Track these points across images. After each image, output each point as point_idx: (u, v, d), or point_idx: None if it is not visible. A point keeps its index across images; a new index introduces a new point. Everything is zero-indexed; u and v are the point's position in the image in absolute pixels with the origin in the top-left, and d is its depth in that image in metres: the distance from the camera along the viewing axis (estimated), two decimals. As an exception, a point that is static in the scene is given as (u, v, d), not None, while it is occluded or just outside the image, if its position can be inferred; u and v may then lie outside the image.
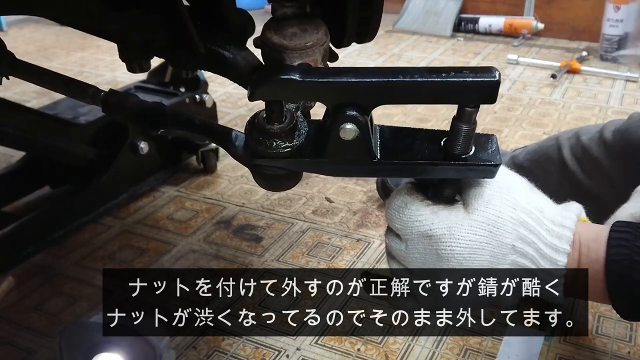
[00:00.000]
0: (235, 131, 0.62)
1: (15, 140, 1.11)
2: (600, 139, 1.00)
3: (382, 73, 0.52)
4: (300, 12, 0.65)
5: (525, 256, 0.55)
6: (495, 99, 0.51)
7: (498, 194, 0.55)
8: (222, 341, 0.91)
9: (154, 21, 0.69)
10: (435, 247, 0.56)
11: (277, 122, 0.54)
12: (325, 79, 0.52)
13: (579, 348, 0.87)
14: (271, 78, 0.52)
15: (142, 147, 1.29)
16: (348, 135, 0.53)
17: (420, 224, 0.56)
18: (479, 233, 0.54)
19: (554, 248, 0.55)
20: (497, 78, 0.50)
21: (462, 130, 0.53)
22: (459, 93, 0.51)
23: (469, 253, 0.55)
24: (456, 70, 0.51)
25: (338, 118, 0.53)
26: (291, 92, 0.53)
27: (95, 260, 1.13)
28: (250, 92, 0.52)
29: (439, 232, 0.55)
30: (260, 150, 0.56)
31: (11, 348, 0.92)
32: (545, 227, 0.55)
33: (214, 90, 1.87)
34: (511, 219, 0.54)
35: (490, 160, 0.54)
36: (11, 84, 0.89)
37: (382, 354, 0.87)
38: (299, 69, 0.53)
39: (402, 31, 2.67)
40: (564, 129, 1.12)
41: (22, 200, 1.28)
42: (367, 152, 0.55)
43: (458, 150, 0.54)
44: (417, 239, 0.56)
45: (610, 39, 2.20)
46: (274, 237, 1.18)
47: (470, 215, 0.55)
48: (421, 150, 0.56)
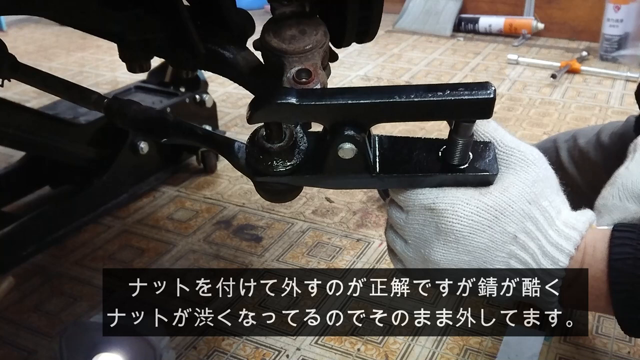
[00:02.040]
0: (237, 142, 0.62)
1: (15, 140, 1.11)
2: (597, 142, 1.00)
3: (378, 93, 0.53)
4: (299, 12, 0.65)
5: (526, 250, 0.55)
6: (491, 114, 0.52)
7: (520, 185, 0.55)
8: (222, 341, 0.91)
9: (154, 21, 0.69)
10: (435, 220, 0.55)
11: (276, 141, 0.55)
12: (322, 101, 0.53)
13: (579, 348, 0.87)
14: (269, 102, 0.53)
15: (142, 147, 1.29)
16: (347, 155, 0.54)
17: (424, 197, 0.56)
18: (484, 216, 0.54)
19: (558, 248, 0.54)
20: (492, 95, 0.51)
21: (459, 143, 0.54)
22: (454, 110, 0.52)
23: (468, 232, 0.54)
24: (452, 87, 0.52)
25: (336, 137, 0.54)
26: (288, 115, 0.53)
27: (95, 260, 1.13)
28: (249, 115, 0.53)
29: (441, 207, 0.55)
30: (261, 169, 0.57)
31: (11, 348, 0.92)
32: (555, 227, 0.55)
33: (214, 90, 1.87)
34: (522, 211, 0.54)
35: (487, 170, 0.55)
36: (11, 84, 0.89)
37: (382, 354, 0.87)
38: (295, 93, 0.53)
39: (402, 31, 2.67)
40: (564, 129, 1.12)
41: (22, 200, 1.28)
42: (366, 168, 0.56)
43: (456, 161, 0.55)
44: (418, 210, 0.56)
45: (610, 39, 2.20)
46: (274, 237, 1.18)
47: (481, 196, 0.54)
48: (419, 161, 0.57)
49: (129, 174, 1.31)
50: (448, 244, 0.56)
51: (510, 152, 0.57)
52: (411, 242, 0.58)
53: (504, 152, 0.57)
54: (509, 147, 0.57)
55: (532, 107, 1.85)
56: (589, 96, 1.91)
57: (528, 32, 2.48)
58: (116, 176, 1.27)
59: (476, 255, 0.55)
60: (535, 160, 0.57)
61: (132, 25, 0.70)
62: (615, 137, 0.97)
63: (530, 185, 0.55)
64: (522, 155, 0.56)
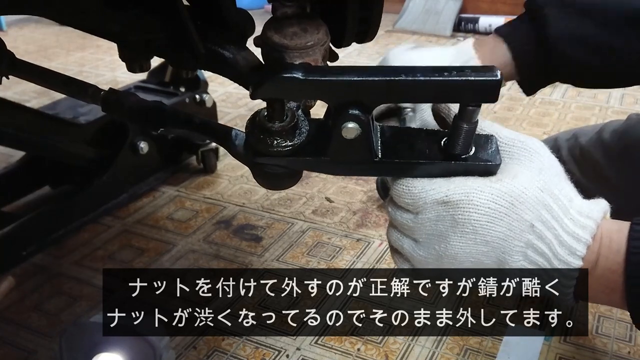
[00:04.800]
0: (235, 130, 0.62)
1: (15, 140, 1.11)
2: (598, 140, 1.00)
3: (385, 72, 0.52)
4: (300, 12, 0.65)
5: (543, 240, 0.53)
6: (497, 98, 0.51)
7: (528, 173, 0.53)
8: (222, 341, 0.91)
9: (154, 21, 0.69)
10: (451, 212, 0.53)
11: (278, 121, 0.54)
12: (328, 77, 0.52)
13: (579, 348, 0.87)
14: (273, 77, 0.52)
15: (142, 147, 1.29)
16: (350, 134, 0.53)
17: (435, 192, 0.54)
18: (500, 202, 0.52)
19: (575, 237, 0.52)
20: (498, 77, 0.50)
21: (463, 129, 0.53)
22: (460, 92, 0.51)
23: (486, 221, 0.52)
24: (458, 69, 0.51)
25: (340, 117, 0.53)
26: (293, 91, 0.52)
27: (95, 260, 1.13)
28: (253, 90, 0.52)
29: (456, 198, 0.53)
30: (261, 149, 0.56)
31: (11, 348, 0.92)
32: (570, 216, 0.53)
33: (214, 90, 1.87)
34: (536, 198, 0.52)
35: (490, 160, 0.54)
36: (11, 83, 0.89)
37: (382, 354, 0.87)
38: (301, 67, 0.53)
39: (402, 31, 2.67)
40: (564, 129, 1.12)
41: (22, 200, 1.28)
42: (369, 151, 0.55)
43: (458, 149, 0.54)
44: (430, 206, 0.54)
45: (610, 39, 2.20)
46: (274, 237, 1.18)
47: (493, 183, 0.53)
48: (422, 149, 0.56)
49: (129, 174, 1.31)
50: (465, 235, 0.54)
51: (510, 142, 0.55)
52: (423, 240, 0.56)
53: (505, 144, 0.56)
54: (509, 138, 0.56)
55: (532, 107, 1.85)
56: (589, 96, 1.91)
57: (528, 32, 2.48)
58: (116, 176, 1.27)
59: (494, 246, 0.54)
60: (538, 149, 0.55)
61: (132, 25, 0.69)
62: (616, 135, 0.97)
63: (538, 174, 0.53)
64: (524, 145, 0.55)
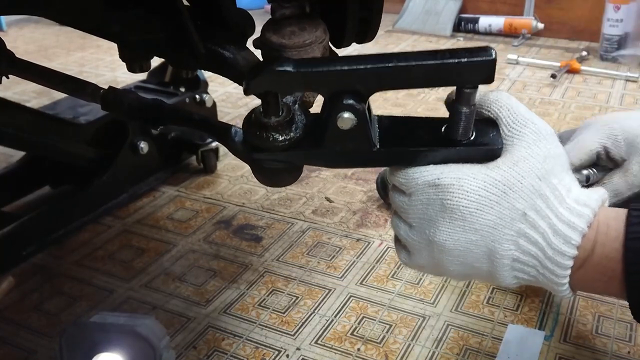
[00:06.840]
0: (234, 127, 0.62)
1: (15, 140, 1.11)
2: None
3: (377, 59, 0.51)
4: (299, 13, 0.65)
5: (536, 229, 0.52)
6: (493, 78, 0.51)
7: (530, 160, 0.52)
8: (222, 341, 0.91)
9: (154, 21, 0.69)
10: (440, 196, 0.53)
11: (273, 116, 0.54)
12: (319, 68, 0.52)
13: (579, 348, 0.87)
14: (265, 70, 0.52)
15: (142, 147, 1.29)
16: (346, 125, 0.53)
17: (427, 173, 0.53)
18: (491, 190, 0.52)
19: (570, 225, 0.51)
20: (493, 56, 0.50)
21: (462, 112, 0.53)
22: (455, 74, 0.51)
23: (475, 208, 0.52)
24: (452, 51, 0.50)
25: (335, 107, 0.53)
26: (286, 83, 0.52)
27: (95, 260, 1.13)
28: (246, 85, 0.52)
29: (446, 182, 0.52)
30: (259, 144, 0.56)
31: (11, 348, 0.92)
32: (566, 205, 0.52)
33: (214, 90, 1.87)
34: (532, 187, 0.52)
35: (491, 144, 0.54)
36: (11, 83, 0.89)
37: (382, 354, 0.87)
38: (292, 60, 0.52)
39: (402, 31, 2.67)
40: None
41: (22, 200, 1.28)
42: (366, 141, 0.54)
43: (459, 134, 0.54)
44: (422, 188, 0.54)
45: (610, 39, 2.20)
46: (274, 237, 1.18)
47: (488, 171, 0.52)
48: (421, 137, 0.55)
49: (129, 174, 1.31)
50: (454, 222, 0.53)
51: (524, 122, 0.54)
52: (415, 224, 0.56)
53: (518, 122, 0.54)
54: (524, 117, 0.54)
55: (532, 106, 1.85)
56: (589, 96, 1.91)
57: (528, 32, 2.48)
58: (116, 176, 1.27)
59: (483, 234, 0.53)
60: (548, 136, 0.54)
61: (132, 25, 0.70)
62: None
63: (542, 161, 0.52)
64: (536, 128, 0.54)
